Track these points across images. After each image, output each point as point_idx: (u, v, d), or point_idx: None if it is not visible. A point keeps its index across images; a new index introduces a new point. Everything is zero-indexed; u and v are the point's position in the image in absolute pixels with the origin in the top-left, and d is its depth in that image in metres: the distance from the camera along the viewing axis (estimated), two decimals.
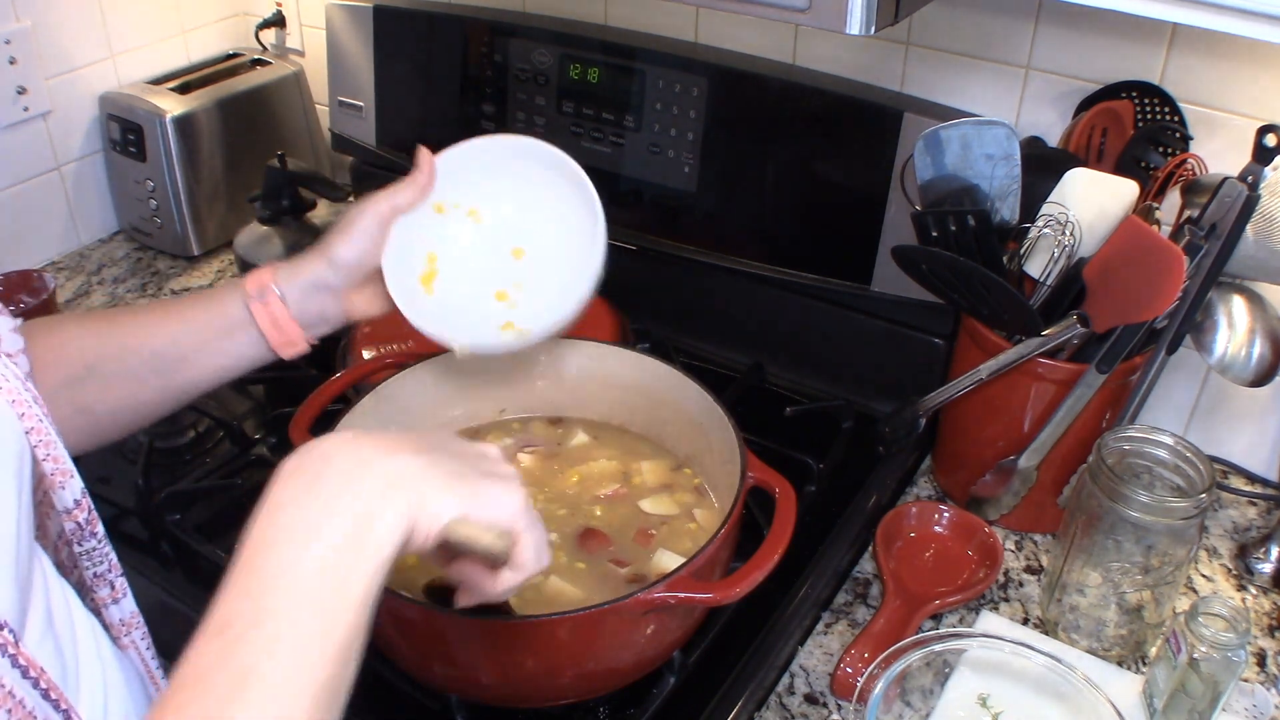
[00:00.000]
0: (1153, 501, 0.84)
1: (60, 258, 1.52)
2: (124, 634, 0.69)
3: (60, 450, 0.61)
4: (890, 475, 1.09)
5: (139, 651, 0.69)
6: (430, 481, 0.56)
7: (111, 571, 0.67)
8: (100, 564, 0.66)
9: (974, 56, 1.09)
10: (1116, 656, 0.92)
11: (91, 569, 0.66)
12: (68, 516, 0.63)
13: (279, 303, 0.81)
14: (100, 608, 0.67)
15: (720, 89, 1.17)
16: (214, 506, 1.06)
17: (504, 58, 1.29)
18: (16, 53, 1.36)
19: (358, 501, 0.53)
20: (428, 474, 0.56)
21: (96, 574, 0.66)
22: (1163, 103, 0.99)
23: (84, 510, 0.63)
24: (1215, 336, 0.93)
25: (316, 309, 0.83)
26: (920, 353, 1.16)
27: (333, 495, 0.53)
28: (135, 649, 0.69)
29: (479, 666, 0.79)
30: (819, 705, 0.88)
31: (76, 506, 0.63)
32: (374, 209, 0.83)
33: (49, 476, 0.61)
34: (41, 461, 0.60)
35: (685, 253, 1.24)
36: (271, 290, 0.81)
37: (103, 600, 0.67)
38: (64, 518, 0.63)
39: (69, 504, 0.62)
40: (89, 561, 0.65)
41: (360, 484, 0.54)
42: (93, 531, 0.64)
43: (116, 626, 0.68)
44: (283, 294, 0.82)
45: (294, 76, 1.57)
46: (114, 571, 0.67)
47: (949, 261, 0.93)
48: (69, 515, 0.63)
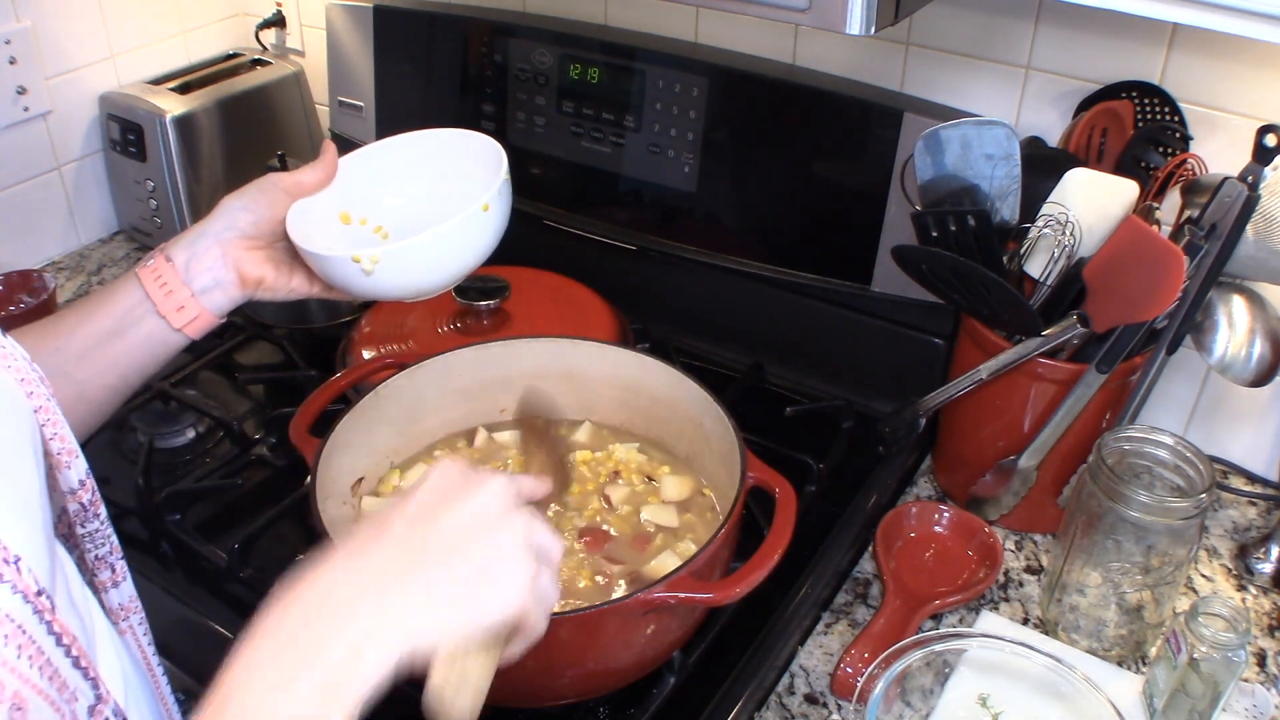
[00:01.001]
0: (1153, 501, 0.84)
1: (60, 258, 1.52)
2: (122, 618, 0.68)
3: (66, 430, 0.60)
4: (890, 475, 1.09)
5: (136, 638, 0.69)
6: (423, 617, 0.54)
7: (113, 554, 0.66)
8: (102, 546, 0.65)
9: (974, 56, 1.09)
10: (1116, 656, 0.92)
11: (93, 550, 0.65)
12: (72, 497, 0.62)
13: (164, 263, 0.80)
14: (100, 591, 0.66)
15: (720, 89, 1.17)
16: (214, 506, 1.06)
17: (504, 58, 1.29)
18: (16, 53, 1.36)
19: (346, 648, 0.52)
20: (420, 607, 0.54)
21: (98, 556, 0.65)
22: (1163, 103, 0.99)
23: (88, 491, 0.62)
24: (1215, 336, 0.93)
25: (203, 265, 0.81)
26: (920, 353, 1.16)
27: (319, 638, 0.52)
28: (133, 634, 0.68)
29: None
30: (819, 705, 0.88)
31: (81, 487, 0.62)
32: (275, 176, 0.84)
33: (55, 455, 0.60)
34: (49, 440, 0.59)
35: (685, 253, 1.24)
36: (158, 253, 0.80)
37: (103, 584, 0.67)
38: (68, 498, 0.62)
39: (74, 484, 0.61)
40: (91, 543, 0.65)
41: (350, 625, 0.53)
42: (96, 513, 0.64)
43: (115, 611, 0.68)
44: (169, 255, 0.80)
45: (294, 76, 1.57)
46: (115, 554, 0.66)
47: (949, 261, 0.93)
48: (73, 496, 0.62)
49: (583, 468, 0.97)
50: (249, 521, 0.99)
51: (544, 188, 1.32)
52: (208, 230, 0.82)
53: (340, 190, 0.89)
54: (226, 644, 0.52)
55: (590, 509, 0.92)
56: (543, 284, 1.20)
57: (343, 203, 0.90)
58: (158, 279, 0.80)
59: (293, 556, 0.99)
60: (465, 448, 1.00)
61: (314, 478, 0.83)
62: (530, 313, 1.14)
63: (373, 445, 0.94)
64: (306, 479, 0.84)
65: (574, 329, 1.09)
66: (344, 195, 0.89)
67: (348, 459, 0.90)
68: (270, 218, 0.83)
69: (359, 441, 0.91)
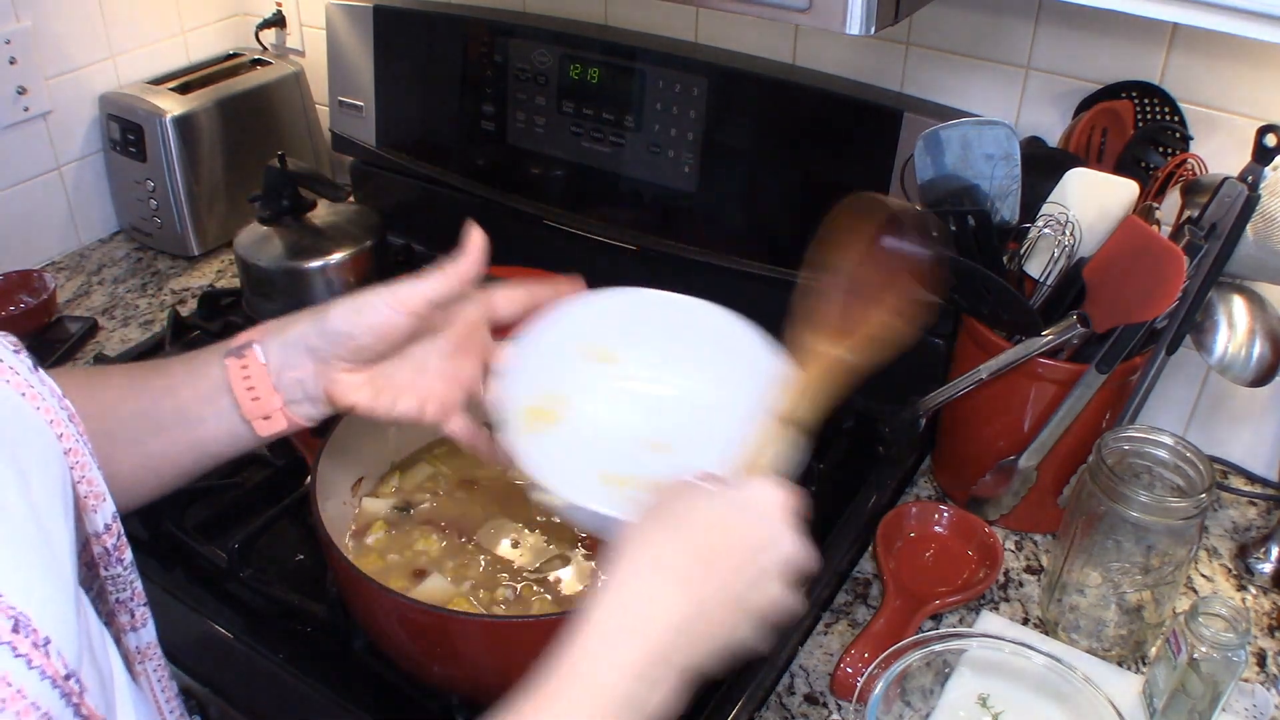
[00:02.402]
0: (1153, 501, 0.84)
1: (60, 258, 1.52)
2: (138, 662, 0.66)
3: (95, 472, 0.58)
4: (890, 475, 1.09)
5: (151, 683, 0.67)
6: (707, 653, 0.60)
7: (134, 600, 0.64)
8: (124, 590, 0.63)
9: (974, 56, 1.09)
10: (1116, 656, 0.92)
11: (115, 595, 0.63)
12: (96, 540, 0.60)
13: (256, 361, 0.71)
14: (119, 634, 0.64)
15: (720, 89, 1.17)
16: (214, 506, 1.06)
17: (504, 58, 1.29)
18: (16, 53, 1.36)
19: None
20: (703, 646, 0.59)
21: (119, 600, 0.63)
22: (1163, 103, 0.99)
23: (113, 535, 0.60)
24: (1215, 336, 0.93)
25: (295, 375, 0.72)
26: (920, 353, 1.15)
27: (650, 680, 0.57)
28: (148, 678, 0.67)
29: (480, 666, 0.79)
30: (819, 705, 0.88)
31: (106, 531, 0.60)
32: (393, 291, 0.71)
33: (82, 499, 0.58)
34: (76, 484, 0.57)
35: (685, 253, 1.24)
36: (252, 347, 0.72)
37: (121, 627, 0.64)
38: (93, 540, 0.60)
39: (99, 528, 0.59)
40: (113, 586, 0.63)
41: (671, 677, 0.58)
42: (119, 558, 0.61)
43: (132, 654, 0.65)
44: (263, 351, 0.71)
45: (294, 76, 1.57)
46: (136, 600, 0.64)
47: (949, 261, 0.93)
48: (98, 539, 0.60)
49: None
50: (249, 521, 0.99)
51: (544, 188, 1.32)
52: (301, 334, 0.72)
53: (555, 365, 0.74)
54: (226, 644, 0.52)
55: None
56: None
57: (559, 382, 0.75)
58: (245, 380, 0.71)
59: (293, 556, 0.99)
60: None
61: (314, 478, 0.83)
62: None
63: (373, 445, 0.94)
64: (306, 479, 0.84)
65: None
66: (560, 372, 0.74)
67: (348, 459, 0.90)
68: (372, 329, 0.71)
69: (359, 441, 0.91)
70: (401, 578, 0.86)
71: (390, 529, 0.91)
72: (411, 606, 0.76)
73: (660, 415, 0.77)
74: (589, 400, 0.77)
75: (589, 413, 0.76)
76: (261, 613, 0.94)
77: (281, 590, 0.94)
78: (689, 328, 0.79)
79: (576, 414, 0.76)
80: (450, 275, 0.71)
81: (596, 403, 0.77)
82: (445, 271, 0.71)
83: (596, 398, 0.77)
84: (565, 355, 0.77)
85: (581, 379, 0.77)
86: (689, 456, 0.70)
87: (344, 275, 1.29)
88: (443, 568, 0.87)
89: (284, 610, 0.93)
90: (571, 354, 0.77)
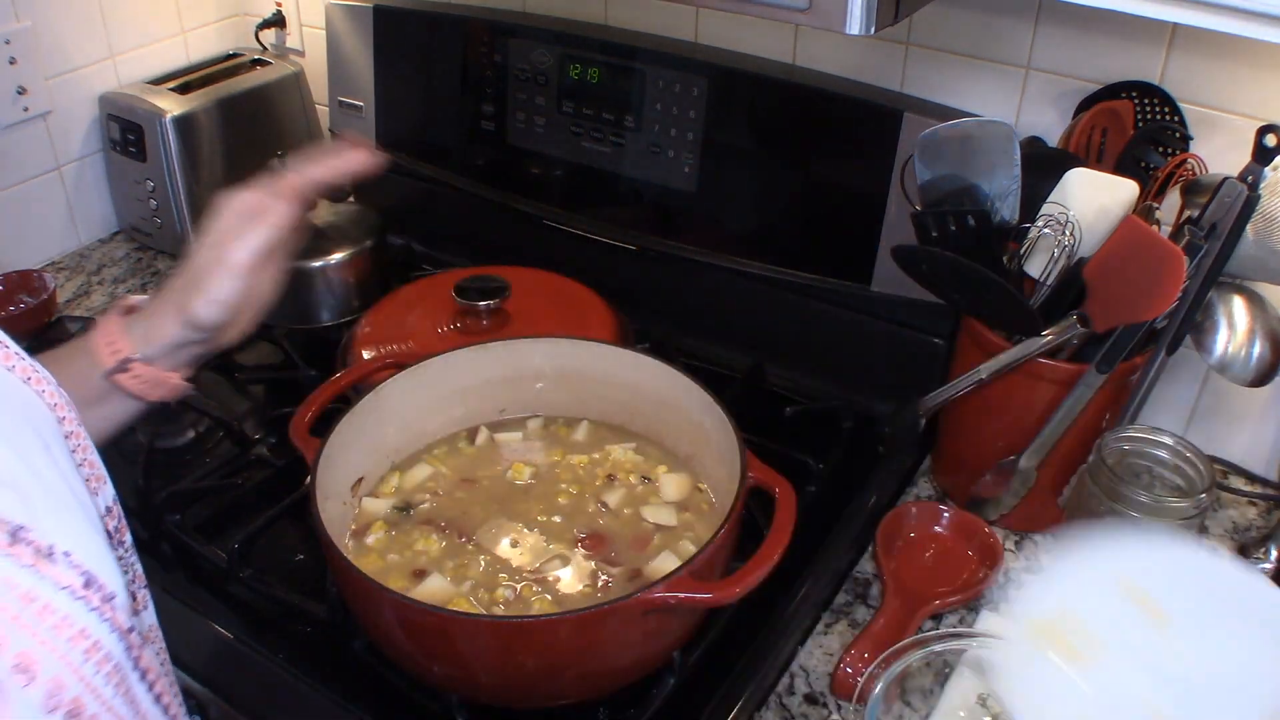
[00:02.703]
0: (1153, 501, 0.84)
1: (60, 258, 1.52)
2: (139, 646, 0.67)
3: (94, 454, 0.59)
4: (890, 475, 1.09)
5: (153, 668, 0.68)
6: None
7: (135, 582, 0.65)
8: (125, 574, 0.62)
9: (974, 56, 1.09)
10: None
11: None
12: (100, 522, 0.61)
13: (143, 366, 0.77)
14: None
15: (720, 89, 1.17)
16: (214, 506, 1.06)
17: (504, 58, 1.29)
18: (16, 53, 1.36)
19: None
20: None
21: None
22: (1163, 103, 0.98)
23: (114, 518, 0.61)
24: (1215, 336, 0.93)
25: (185, 357, 0.79)
26: (920, 353, 1.16)
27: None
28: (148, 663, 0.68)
29: (479, 666, 0.79)
30: (819, 705, 0.88)
31: (108, 513, 0.61)
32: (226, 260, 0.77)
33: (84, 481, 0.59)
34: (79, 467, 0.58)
35: (685, 253, 1.24)
36: (134, 361, 0.76)
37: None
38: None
39: (102, 510, 0.60)
40: None
41: None
42: (121, 540, 0.62)
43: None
44: (146, 358, 0.77)
45: (294, 76, 1.57)
46: (138, 583, 0.65)
47: (949, 261, 0.93)
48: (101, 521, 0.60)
49: (579, 471, 0.97)
50: (249, 521, 0.99)
51: (544, 188, 1.32)
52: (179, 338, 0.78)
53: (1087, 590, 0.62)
54: (226, 644, 0.52)
55: (589, 512, 0.92)
56: (543, 284, 1.20)
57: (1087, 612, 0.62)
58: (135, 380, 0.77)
59: (293, 556, 0.99)
60: (466, 448, 1.00)
61: (314, 478, 0.83)
62: (530, 313, 1.14)
63: (373, 445, 0.94)
64: (306, 479, 0.84)
65: (574, 329, 1.09)
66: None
67: (348, 459, 0.90)
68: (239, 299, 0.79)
69: (359, 441, 0.91)
70: (401, 578, 0.86)
71: (390, 529, 0.91)
72: (411, 606, 0.76)
73: (1179, 702, 0.62)
74: (1122, 651, 0.62)
75: (1113, 666, 0.62)
76: (261, 613, 0.94)
77: (281, 590, 0.94)
78: (1241, 602, 0.65)
79: (1099, 663, 0.62)
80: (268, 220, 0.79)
81: (1128, 657, 0.62)
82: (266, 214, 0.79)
83: (1132, 651, 0.63)
84: (1100, 584, 0.64)
85: (1117, 620, 0.63)
86: None
87: (344, 275, 1.29)
88: (442, 568, 0.87)
89: (284, 610, 0.93)
90: (1107, 585, 0.64)
